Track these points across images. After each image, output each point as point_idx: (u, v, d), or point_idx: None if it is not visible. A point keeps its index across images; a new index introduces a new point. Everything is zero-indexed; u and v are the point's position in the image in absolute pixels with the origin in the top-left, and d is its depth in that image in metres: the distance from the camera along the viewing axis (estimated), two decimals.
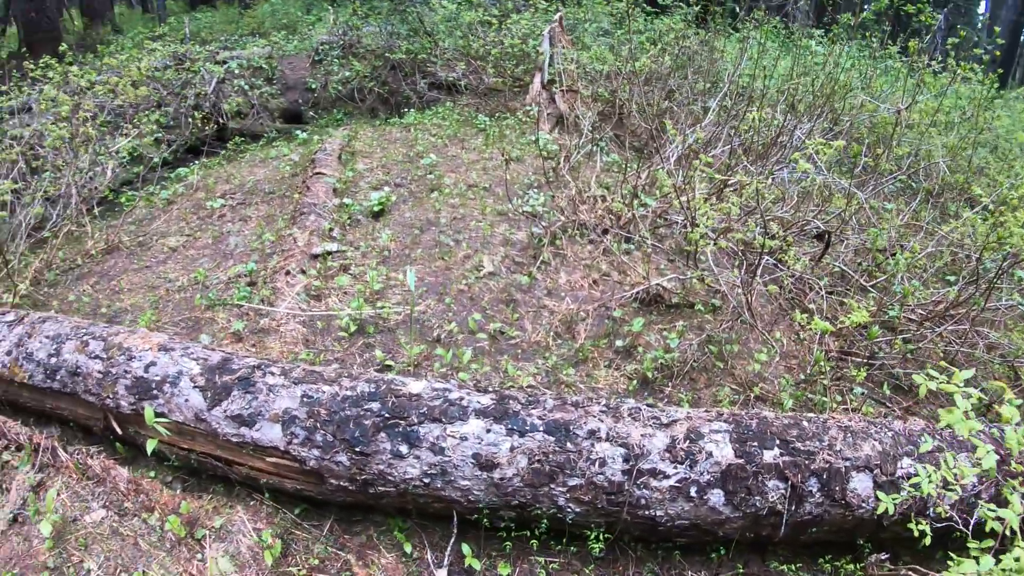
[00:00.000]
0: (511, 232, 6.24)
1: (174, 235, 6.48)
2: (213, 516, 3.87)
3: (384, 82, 9.86)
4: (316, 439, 3.64)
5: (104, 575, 3.76)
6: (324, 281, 5.57)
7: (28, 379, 4.30)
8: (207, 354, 4.11)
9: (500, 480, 3.50)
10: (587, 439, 3.55)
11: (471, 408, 3.63)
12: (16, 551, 3.92)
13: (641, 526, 3.61)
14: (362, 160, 7.56)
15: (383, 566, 3.75)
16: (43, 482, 4.22)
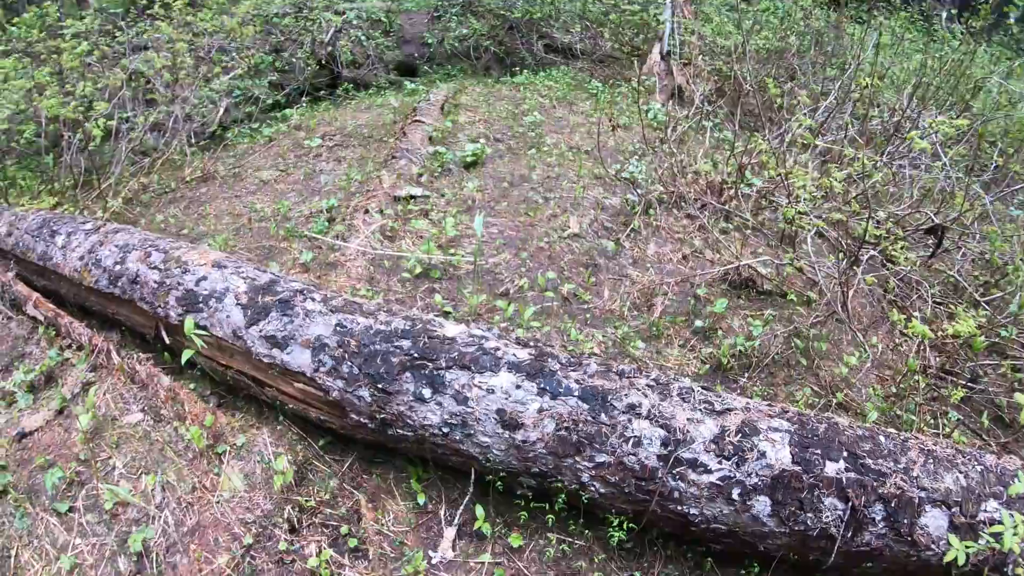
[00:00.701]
0: (605, 196, 5.91)
1: (268, 169, 6.59)
2: (238, 434, 3.82)
3: (500, 42, 9.70)
4: (342, 370, 3.48)
5: (127, 473, 3.78)
6: (401, 223, 5.46)
7: (95, 283, 4.43)
8: (256, 274, 4.06)
9: (523, 442, 3.20)
10: (625, 413, 3.19)
11: (505, 360, 3.35)
12: (55, 440, 4.04)
13: (671, 521, 3.21)
14: (465, 113, 7.45)
15: (393, 513, 3.56)
16: (93, 381, 4.33)
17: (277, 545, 3.37)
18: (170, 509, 3.57)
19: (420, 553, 3.32)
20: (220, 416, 3.93)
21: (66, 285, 4.75)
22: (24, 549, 3.56)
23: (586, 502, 3.27)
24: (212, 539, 3.39)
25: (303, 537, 3.44)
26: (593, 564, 3.37)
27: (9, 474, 3.91)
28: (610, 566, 3.38)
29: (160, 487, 3.67)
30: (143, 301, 4.19)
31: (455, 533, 3.46)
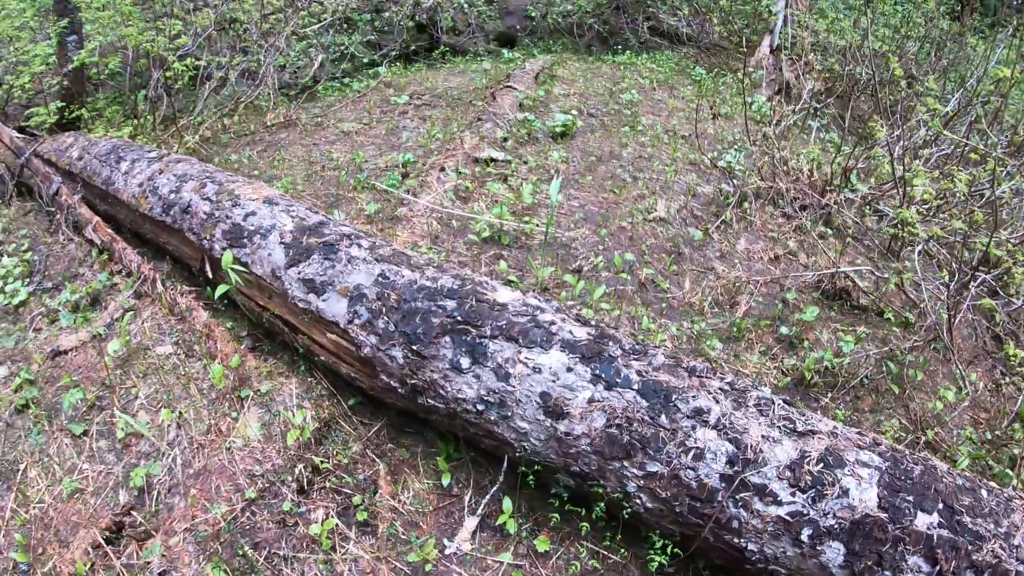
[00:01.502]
0: (698, 183, 5.38)
1: (351, 121, 6.37)
2: (264, 381, 3.53)
3: (605, 21, 9.26)
4: (377, 325, 3.13)
5: (147, 405, 3.57)
6: (477, 185, 5.10)
7: (149, 211, 4.27)
8: (305, 214, 3.77)
9: (565, 435, 2.76)
10: (689, 418, 2.69)
11: (559, 337, 2.91)
12: (87, 362, 3.88)
13: (724, 554, 2.69)
14: (560, 85, 7.06)
15: (414, 490, 3.18)
16: (135, 308, 4.17)
17: (282, 504, 3.06)
18: (180, 448, 3.33)
19: (432, 540, 2.93)
20: (250, 359, 3.66)
21: (124, 211, 4.63)
22: (33, 466, 3.39)
23: (628, 515, 2.80)
24: (214, 486, 3.11)
25: (311, 500, 3.11)
26: None
27: (36, 390, 3.77)
28: None
29: (176, 424, 3.43)
30: (191, 232, 3.99)
31: (477, 524, 3.05)
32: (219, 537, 2.93)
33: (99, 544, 2.96)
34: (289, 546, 2.98)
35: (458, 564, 2.94)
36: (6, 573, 2.97)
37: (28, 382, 3.79)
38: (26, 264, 4.67)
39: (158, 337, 3.94)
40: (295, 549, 2.98)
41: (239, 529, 2.98)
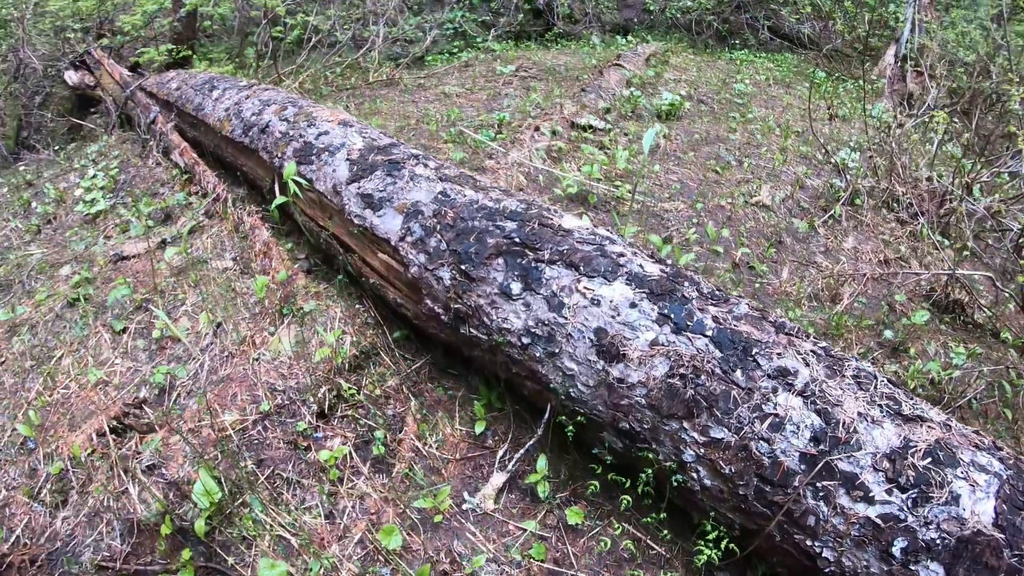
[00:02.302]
0: (807, 174, 4.83)
1: (454, 86, 6.21)
2: (310, 300, 3.29)
3: (725, 19, 8.77)
4: (429, 243, 2.81)
5: (191, 312, 3.41)
6: (570, 148, 4.76)
7: (231, 133, 4.20)
8: (376, 136, 3.55)
9: (618, 381, 2.31)
10: (771, 379, 2.19)
11: (627, 269, 2.48)
12: (144, 269, 3.79)
13: (790, 559, 2.14)
14: (671, 72, 6.69)
15: (443, 435, 2.81)
16: (203, 225, 4.09)
17: (296, 424, 2.77)
18: (211, 355, 3.12)
19: (448, 490, 2.54)
20: (300, 278, 3.43)
21: (210, 136, 4.62)
22: (69, 354, 3.29)
23: (678, 492, 2.31)
24: (232, 394, 2.86)
25: (330, 427, 2.81)
26: None
27: (91, 288, 3.72)
28: None
29: (213, 331, 3.24)
30: (264, 151, 3.85)
31: (505, 482, 2.64)
32: (221, 445, 2.67)
33: (103, 432, 2.77)
34: (295, 470, 2.68)
35: (474, 522, 2.54)
36: (14, 446, 2.85)
37: (86, 280, 3.75)
38: (112, 180, 4.73)
39: (218, 252, 3.81)
40: (300, 474, 2.68)
41: (246, 441, 2.71)
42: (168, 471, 2.60)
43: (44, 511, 2.65)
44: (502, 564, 2.41)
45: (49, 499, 2.67)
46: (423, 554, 2.44)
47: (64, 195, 4.67)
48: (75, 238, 4.21)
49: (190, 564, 2.42)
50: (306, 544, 2.44)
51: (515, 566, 2.40)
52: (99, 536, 2.49)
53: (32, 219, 4.49)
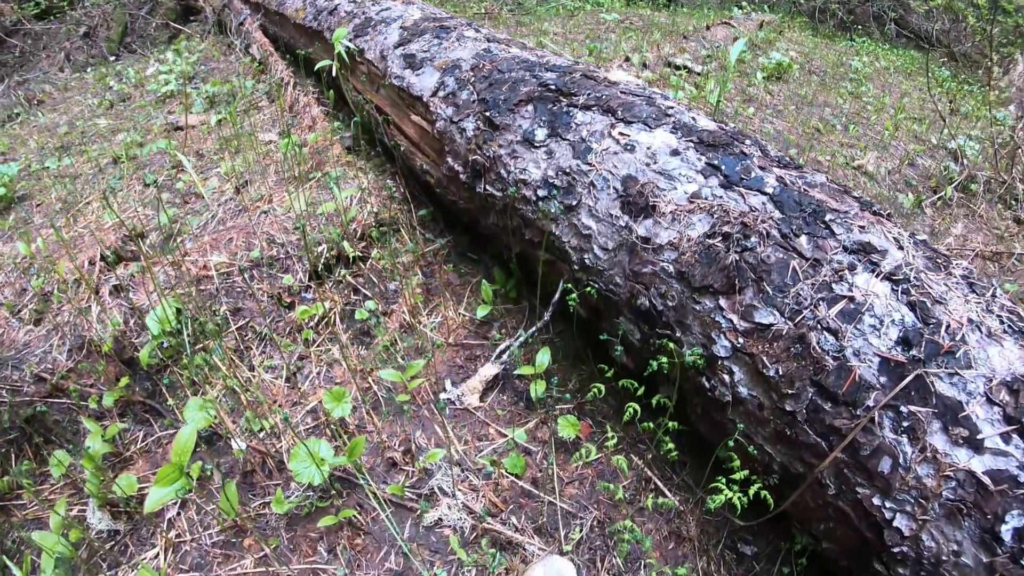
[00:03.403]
0: (919, 151, 4.08)
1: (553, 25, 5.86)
2: (338, 167, 2.98)
3: (851, 10, 7.89)
4: (459, 96, 2.42)
5: (223, 175, 3.20)
6: (658, 79, 4.26)
7: (303, 20, 4.04)
8: (436, 12, 3.22)
9: (643, 242, 1.80)
10: (849, 253, 1.61)
11: (674, 119, 1.97)
12: (196, 136, 3.66)
13: (844, 524, 1.53)
14: (785, 42, 6.03)
15: (442, 317, 2.39)
16: (260, 105, 3.93)
17: (282, 279, 2.44)
18: (225, 208, 2.87)
19: (420, 363, 2.10)
20: (336, 148, 3.15)
21: (287, 28, 4.49)
22: (97, 200, 3.16)
23: (701, 409, 1.76)
24: (227, 239, 2.58)
25: (322, 290, 2.45)
26: (663, 548, 1.83)
27: (139, 149, 3.61)
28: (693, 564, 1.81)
29: (236, 189, 3.00)
30: (328, 30, 3.62)
31: (496, 378, 2.17)
32: (198, 285, 2.38)
33: (94, 261, 2.57)
34: (271, 326, 2.35)
35: (449, 417, 2.08)
36: (17, 270, 2.70)
37: (137, 144, 3.65)
38: (191, 68, 4.70)
39: (267, 127, 3.61)
40: (275, 330, 2.34)
41: (228, 286, 2.41)
42: (135, 296, 2.34)
43: (19, 326, 2.46)
44: (466, 469, 1.94)
45: (27, 316, 2.49)
46: (376, 437, 2.02)
47: (143, 80, 4.70)
48: (140, 113, 4.16)
49: (124, 391, 2.13)
50: (254, 402, 2.09)
51: (480, 475, 1.93)
52: (48, 349, 2.26)
53: (107, 96, 4.52)
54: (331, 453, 1.76)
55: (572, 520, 1.87)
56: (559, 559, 1.75)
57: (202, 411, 1.97)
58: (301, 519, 1.86)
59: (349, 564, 1.76)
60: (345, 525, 1.83)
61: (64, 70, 5.73)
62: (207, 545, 1.86)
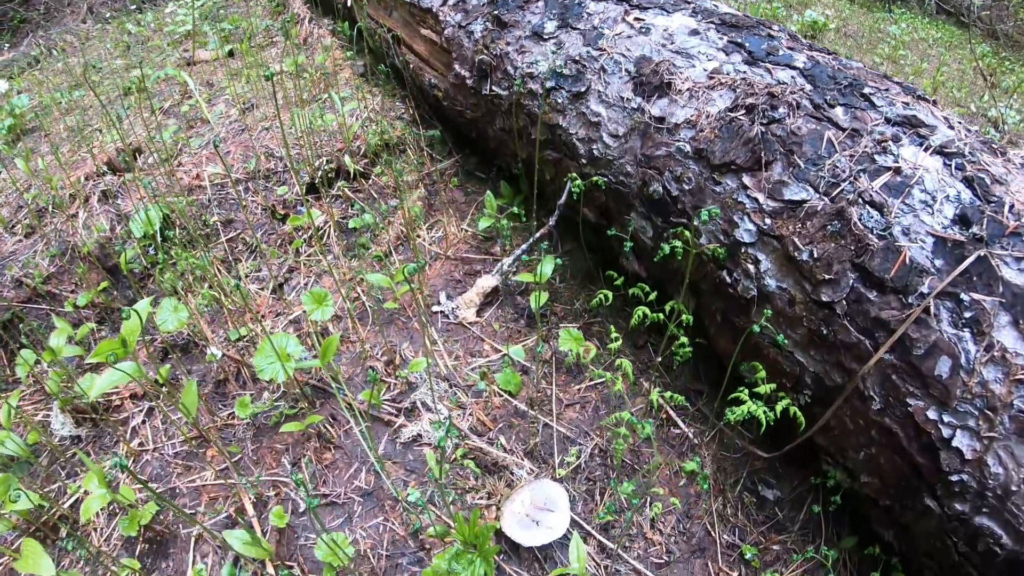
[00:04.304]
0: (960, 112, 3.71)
1: None
2: (347, 89, 2.79)
3: None
4: (469, 1, 2.19)
5: (231, 101, 3.04)
6: None
7: None
8: None
9: (656, 122, 1.55)
10: (889, 125, 1.33)
11: (692, 5, 1.71)
12: (207, 69, 3.51)
13: (890, 446, 1.25)
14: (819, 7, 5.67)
15: (444, 232, 2.17)
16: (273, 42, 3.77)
17: (277, 189, 2.25)
18: (228, 128, 2.71)
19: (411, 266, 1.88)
20: (346, 70, 2.96)
21: None
22: (105, 127, 3.04)
23: (722, 316, 1.50)
24: (225, 152, 2.41)
25: (319, 203, 2.26)
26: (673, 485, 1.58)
27: (151, 78, 3.49)
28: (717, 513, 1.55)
29: (240, 111, 2.83)
30: None
31: (495, 288, 1.94)
32: (190, 194, 2.21)
33: (90, 176, 2.43)
34: (262, 236, 2.16)
35: (441, 330, 1.87)
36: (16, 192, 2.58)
37: (147, 76, 3.53)
38: (211, 6, 4.57)
39: (279, 60, 3.43)
40: (265, 241, 2.15)
41: (222, 197, 2.24)
42: (123, 202, 2.18)
43: (11, 239, 2.34)
44: (454, 384, 1.72)
45: (20, 230, 2.36)
46: (358, 347, 1.81)
47: (162, 24, 4.59)
48: (156, 52, 4.05)
49: (101, 294, 1.97)
50: (233, 312, 1.91)
51: (470, 392, 1.70)
52: (32, 256, 2.12)
53: (125, 38, 4.42)
54: (300, 350, 1.56)
55: (570, 446, 1.63)
56: (549, 483, 1.52)
57: (176, 312, 1.79)
58: (268, 430, 1.67)
59: (314, 478, 1.56)
60: (313, 437, 1.63)
61: (87, 21, 5.69)
62: (169, 455, 1.69)
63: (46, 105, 3.42)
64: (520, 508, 1.46)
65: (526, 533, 1.43)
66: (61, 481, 1.68)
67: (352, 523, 1.50)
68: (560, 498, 1.49)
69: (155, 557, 1.54)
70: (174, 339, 1.92)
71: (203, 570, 1.48)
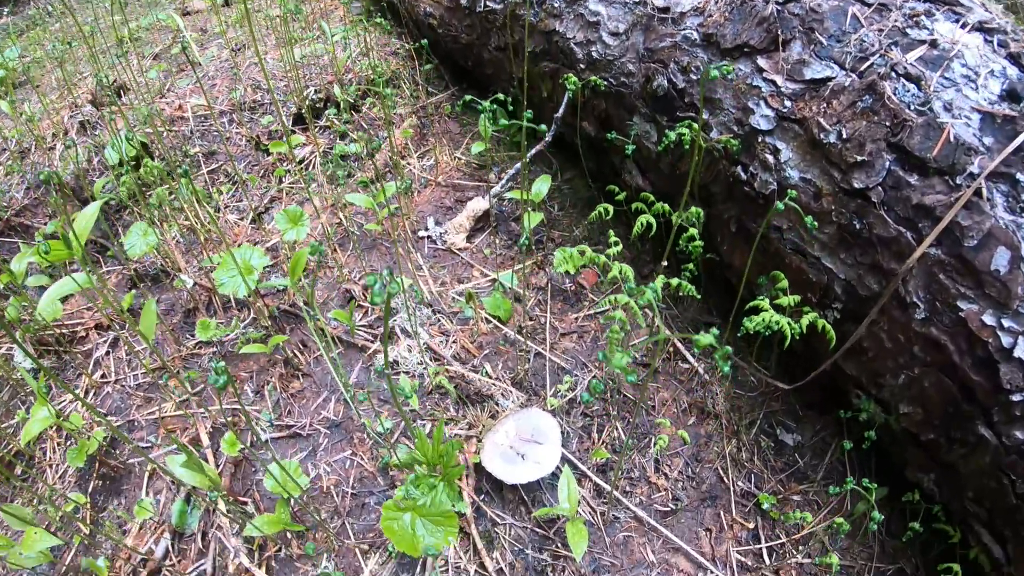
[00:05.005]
0: None
1: None
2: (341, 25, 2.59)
3: None
4: None
5: (223, 45, 2.86)
6: None
7: None
8: None
9: (660, 12, 1.32)
10: (920, 1, 1.09)
11: None
12: (203, 18, 3.34)
13: (934, 364, 1.01)
14: None
15: (435, 159, 1.96)
16: None
17: (262, 120, 2.07)
18: (218, 67, 2.53)
19: (391, 187, 1.67)
20: (341, 11, 2.76)
21: None
22: (106, 70, 2.88)
23: (736, 225, 1.27)
24: (211, 85, 2.23)
25: (309, 137, 2.06)
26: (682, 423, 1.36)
27: (144, 33, 3.33)
28: None
29: (234, 52, 2.65)
30: None
31: (487, 212, 1.73)
32: (172, 125, 2.03)
33: (70, 108, 2.27)
34: (245, 167, 1.98)
35: (427, 255, 1.66)
36: (7, 143, 2.44)
37: (140, 27, 3.37)
38: None
39: (276, 6, 3.26)
40: (249, 171, 1.96)
41: (205, 129, 2.06)
42: (101, 133, 2.01)
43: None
44: (438, 311, 1.51)
45: (2, 170, 2.21)
46: (336, 271, 1.61)
47: None
48: (157, 7, 3.90)
49: None
50: (209, 242, 1.72)
51: (455, 319, 1.49)
52: (7, 188, 1.96)
53: None
54: (265, 261, 1.36)
55: (565, 377, 1.42)
56: (538, 412, 1.31)
57: (145, 237, 1.61)
58: (235, 358, 1.48)
59: (278, 407, 1.37)
60: (280, 364, 1.44)
61: None
62: (130, 387, 1.51)
63: (38, 59, 3.29)
64: (504, 439, 1.26)
65: (510, 468, 1.22)
66: (22, 416, 1.52)
67: (316, 457, 1.31)
68: (550, 429, 1.27)
69: (107, 494, 1.37)
70: (145, 268, 1.74)
71: (151, 503, 1.30)
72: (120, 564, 1.25)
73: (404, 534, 1.03)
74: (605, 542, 1.23)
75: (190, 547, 1.24)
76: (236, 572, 1.17)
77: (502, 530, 1.21)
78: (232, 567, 1.18)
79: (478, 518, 1.21)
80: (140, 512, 1.26)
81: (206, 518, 1.26)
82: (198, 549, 1.23)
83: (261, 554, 1.19)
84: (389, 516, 1.04)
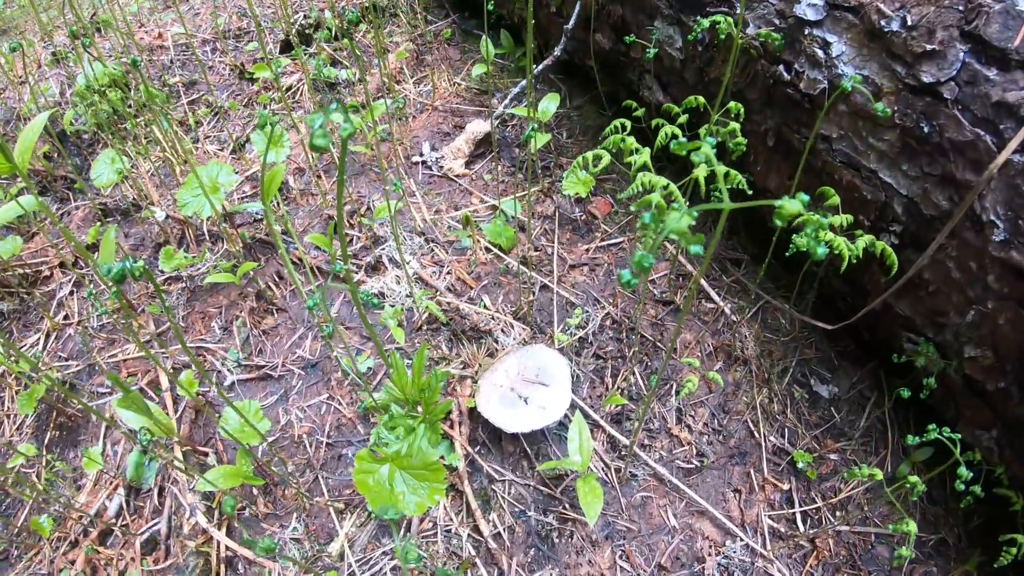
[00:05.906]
0: None
1: None
2: None
3: None
4: None
5: None
6: None
7: None
8: None
9: None
10: None
11: None
12: None
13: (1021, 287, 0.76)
14: None
15: (432, 84, 1.71)
16: None
17: (246, 47, 1.83)
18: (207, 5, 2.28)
19: (380, 106, 1.43)
20: None
21: None
22: (112, 16, 2.64)
23: (776, 137, 1.00)
24: (193, 15, 1.99)
25: (294, 64, 1.82)
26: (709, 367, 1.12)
27: None
28: None
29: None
30: None
31: (488, 136, 1.49)
32: (151, 53, 1.80)
33: (48, 37, 2.04)
34: (227, 96, 1.74)
35: (421, 181, 1.42)
36: None
37: None
38: None
39: None
40: (233, 98, 1.73)
41: (183, 59, 1.82)
42: (74, 67, 1.79)
43: None
44: (431, 240, 1.28)
45: None
46: (319, 199, 1.38)
47: None
48: None
49: (41, 159, 1.59)
50: (185, 173, 1.50)
51: (450, 249, 1.26)
52: None
53: None
54: (235, 180, 1.14)
55: (575, 311, 1.19)
56: (544, 349, 1.08)
57: (112, 165, 1.39)
58: (204, 292, 1.27)
59: (246, 345, 1.16)
60: (252, 297, 1.22)
61: None
62: (93, 329, 1.31)
63: (22, 4, 3.06)
64: (504, 379, 1.03)
65: (510, 414, 0.99)
66: None
67: (288, 401, 1.09)
68: (558, 368, 1.05)
69: (64, 445, 1.17)
70: (116, 203, 1.53)
71: (104, 454, 1.10)
72: (71, 524, 1.06)
73: (381, 490, 0.82)
74: (620, 503, 1.01)
75: (146, 504, 1.04)
76: (192, 533, 0.97)
77: (500, 488, 0.99)
78: (187, 527, 0.97)
79: (472, 473, 1.00)
80: (88, 464, 1.06)
81: (164, 472, 1.06)
82: (153, 506, 1.03)
83: (221, 513, 0.99)
84: (363, 469, 0.83)
